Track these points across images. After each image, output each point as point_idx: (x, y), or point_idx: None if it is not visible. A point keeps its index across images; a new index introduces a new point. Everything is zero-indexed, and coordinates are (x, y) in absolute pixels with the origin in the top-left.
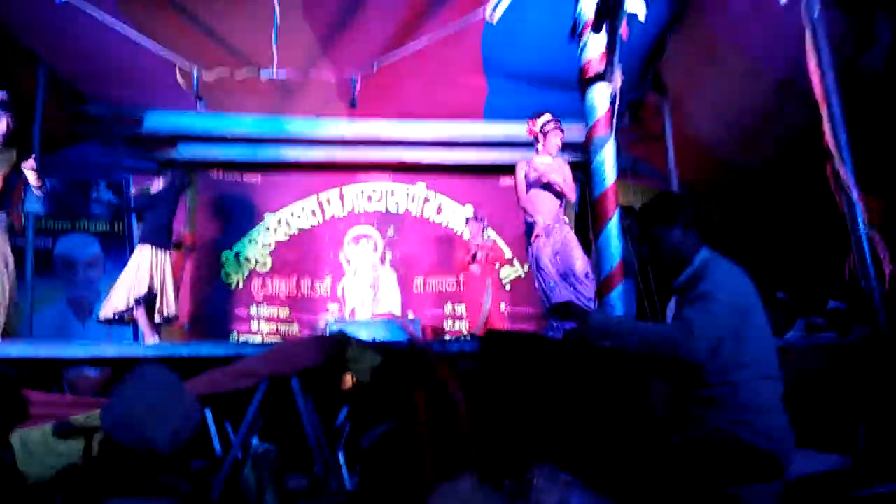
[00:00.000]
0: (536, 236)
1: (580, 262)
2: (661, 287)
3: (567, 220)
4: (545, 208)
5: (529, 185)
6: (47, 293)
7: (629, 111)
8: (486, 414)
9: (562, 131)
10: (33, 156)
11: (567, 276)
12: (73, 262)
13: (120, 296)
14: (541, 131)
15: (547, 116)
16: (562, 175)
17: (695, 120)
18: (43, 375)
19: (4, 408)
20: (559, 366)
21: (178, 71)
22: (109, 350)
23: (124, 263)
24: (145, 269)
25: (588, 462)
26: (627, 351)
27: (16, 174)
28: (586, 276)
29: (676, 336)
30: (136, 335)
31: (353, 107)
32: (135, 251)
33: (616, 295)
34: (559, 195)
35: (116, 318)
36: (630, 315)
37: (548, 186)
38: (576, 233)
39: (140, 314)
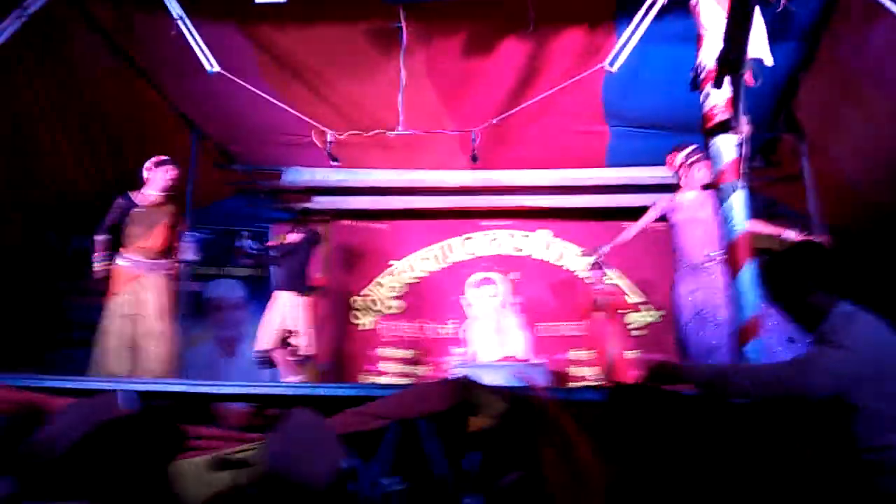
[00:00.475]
0: (675, 272)
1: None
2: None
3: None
4: (690, 245)
5: (672, 224)
6: (199, 334)
7: (762, 152)
8: (618, 474)
9: (708, 162)
10: (190, 236)
11: (705, 315)
12: (221, 304)
13: (261, 337)
14: (683, 164)
15: (689, 148)
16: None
17: (836, 160)
18: (195, 409)
19: (167, 440)
20: (695, 424)
21: (313, 133)
22: (254, 388)
23: (266, 306)
24: (278, 313)
25: None
26: (758, 403)
27: (175, 228)
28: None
29: (789, 371)
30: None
31: (475, 161)
32: (272, 297)
33: (752, 348)
34: (707, 233)
35: (262, 358)
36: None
37: (692, 223)
38: None
39: (277, 354)
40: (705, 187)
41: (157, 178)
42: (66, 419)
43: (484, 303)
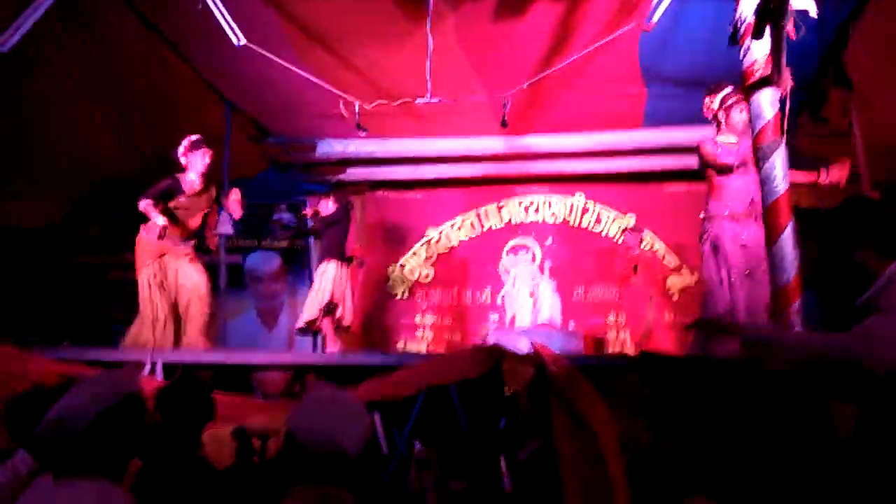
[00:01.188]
0: (714, 218)
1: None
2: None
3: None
4: (734, 195)
5: (712, 171)
6: (238, 304)
7: (808, 108)
8: (638, 436)
9: (748, 104)
10: (235, 190)
11: (752, 274)
12: (260, 276)
13: (311, 308)
14: (721, 108)
15: (727, 89)
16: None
17: (886, 115)
18: (235, 377)
19: (200, 409)
20: (723, 390)
21: (341, 104)
22: (288, 357)
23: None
24: (328, 281)
25: (758, 494)
26: (797, 369)
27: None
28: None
29: (852, 344)
30: (315, 344)
31: (504, 126)
32: (319, 267)
33: (793, 311)
34: (748, 182)
35: (308, 327)
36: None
37: (735, 170)
38: None
39: (325, 323)
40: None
41: (195, 162)
42: (86, 393)
43: (520, 269)
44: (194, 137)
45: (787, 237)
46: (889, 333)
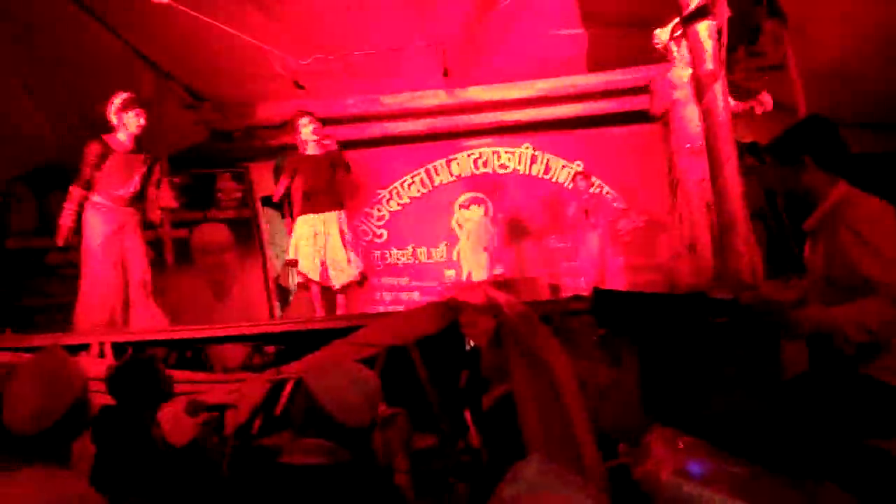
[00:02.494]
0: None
1: None
2: (798, 228)
3: None
4: (692, 127)
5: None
6: (187, 280)
7: (745, 42)
8: (598, 374)
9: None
10: (169, 179)
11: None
12: (208, 249)
13: (302, 264)
14: (671, 39)
15: (676, 20)
16: None
17: (821, 46)
18: (191, 354)
19: (154, 388)
20: (676, 323)
21: (275, 61)
22: (243, 328)
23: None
24: (311, 236)
25: (712, 422)
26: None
27: (149, 175)
28: None
29: (891, 311)
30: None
31: (446, 76)
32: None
33: (739, 241)
34: None
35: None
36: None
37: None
38: None
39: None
40: None
41: (128, 122)
42: (35, 387)
43: (473, 222)
44: (126, 95)
45: (731, 167)
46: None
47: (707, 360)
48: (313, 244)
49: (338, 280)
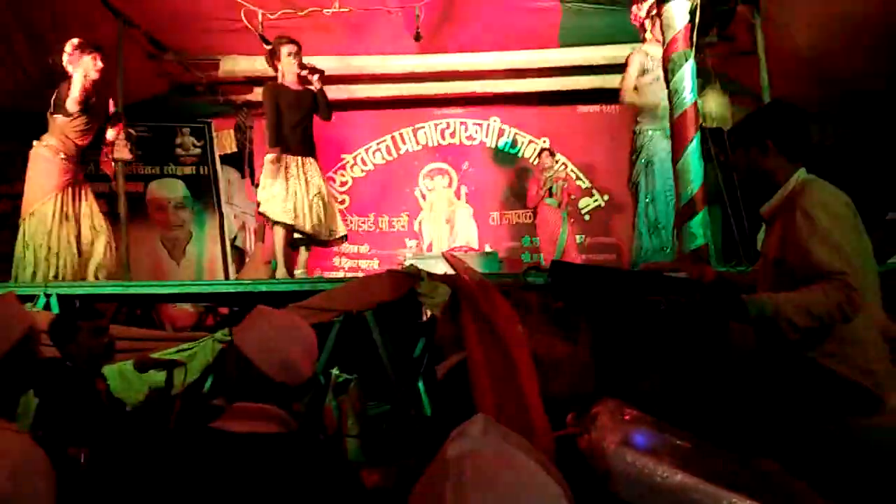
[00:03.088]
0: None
1: None
2: (754, 215)
3: None
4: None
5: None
6: (141, 235)
7: (716, 26)
8: (554, 347)
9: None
10: (124, 132)
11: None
12: (164, 204)
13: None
14: (648, 16)
15: None
16: None
17: (791, 32)
18: (142, 311)
19: (98, 344)
20: (629, 297)
21: (243, 13)
22: (195, 287)
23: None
24: (294, 182)
25: (661, 397)
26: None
27: (104, 125)
28: None
29: (840, 298)
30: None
31: (418, 40)
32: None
33: (696, 222)
34: None
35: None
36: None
37: None
38: None
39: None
40: None
41: (86, 67)
42: None
43: (436, 193)
44: (78, 40)
45: (693, 149)
46: (843, 268)
47: (657, 337)
48: (285, 185)
49: (323, 231)
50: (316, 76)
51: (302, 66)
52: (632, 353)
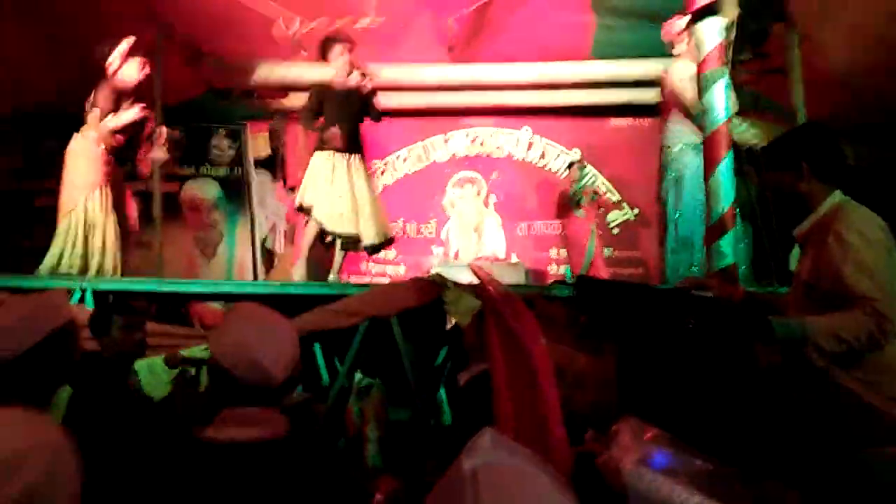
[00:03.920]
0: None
1: None
2: (787, 234)
3: None
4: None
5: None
6: (175, 234)
7: (751, 43)
8: (578, 361)
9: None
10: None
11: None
12: (198, 204)
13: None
14: (682, 33)
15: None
16: None
17: (827, 51)
18: (173, 308)
19: (131, 339)
20: (656, 315)
21: (281, 20)
22: (226, 286)
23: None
24: (339, 182)
25: (684, 417)
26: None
27: (141, 125)
28: None
29: (870, 325)
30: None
31: (451, 52)
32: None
33: (726, 241)
34: None
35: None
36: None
37: None
38: None
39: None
40: None
41: (130, 71)
42: (15, 319)
43: (464, 202)
44: (128, 44)
45: (725, 167)
46: (878, 296)
47: (683, 356)
48: (331, 186)
49: (367, 235)
50: (367, 78)
51: (353, 66)
52: (656, 370)
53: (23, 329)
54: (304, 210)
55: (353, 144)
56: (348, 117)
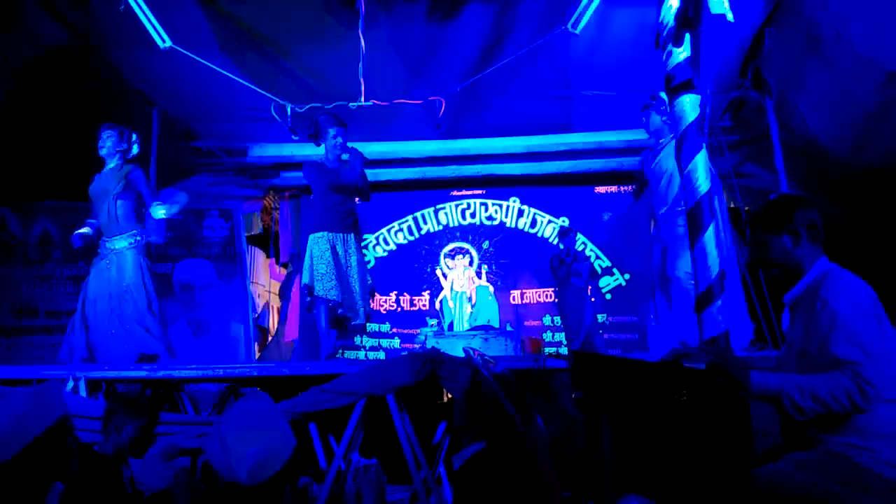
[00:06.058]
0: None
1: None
2: (777, 298)
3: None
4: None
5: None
6: (168, 315)
7: (730, 111)
8: (576, 439)
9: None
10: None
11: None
12: (191, 285)
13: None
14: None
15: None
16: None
17: (803, 118)
18: (166, 391)
19: (146, 431)
20: (652, 389)
21: (273, 107)
22: (220, 370)
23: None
24: (332, 258)
25: (681, 490)
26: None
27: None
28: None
29: (850, 388)
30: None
31: (439, 129)
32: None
33: (716, 308)
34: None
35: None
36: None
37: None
38: None
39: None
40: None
41: (132, 148)
42: (12, 413)
43: (458, 273)
44: (123, 127)
45: (710, 237)
46: (862, 363)
47: (677, 430)
48: (332, 263)
49: (353, 314)
50: (359, 159)
51: (345, 148)
52: (654, 444)
53: (16, 429)
54: (308, 290)
55: (351, 223)
56: (342, 196)
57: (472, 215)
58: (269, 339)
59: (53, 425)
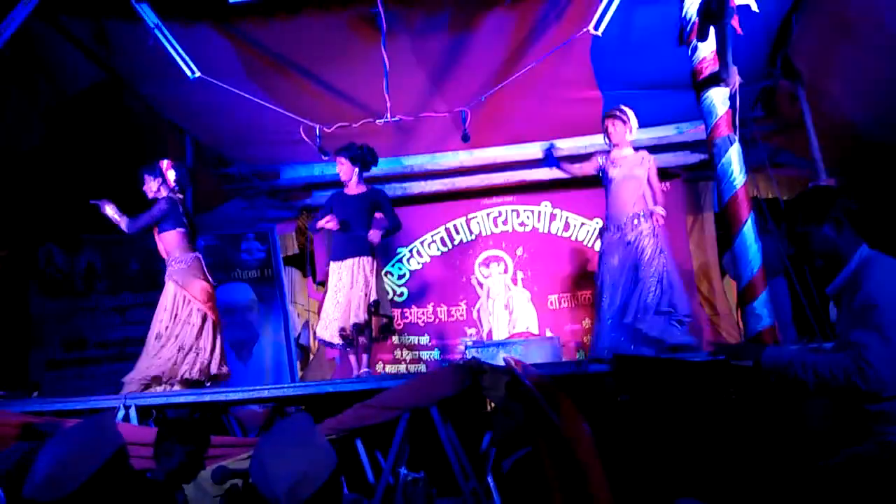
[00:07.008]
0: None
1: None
2: (822, 288)
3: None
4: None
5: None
6: None
7: (761, 101)
8: (624, 446)
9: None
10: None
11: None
12: (233, 308)
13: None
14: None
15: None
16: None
17: (836, 103)
18: (213, 415)
19: (196, 456)
20: (697, 390)
21: (301, 129)
22: (265, 391)
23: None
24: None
25: (735, 491)
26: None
27: None
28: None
29: (849, 367)
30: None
31: (466, 140)
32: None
33: (759, 303)
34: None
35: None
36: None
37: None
38: None
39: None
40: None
41: (170, 181)
42: (72, 447)
43: (493, 280)
44: (169, 160)
45: (748, 230)
46: (874, 350)
47: (727, 430)
48: (334, 299)
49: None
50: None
51: (348, 173)
52: (704, 444)
53: (79, 461)
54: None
55: (354, 248)
56: (356, 221)
57: (504, 223)
58: (311, 357)
59: (112, 456)
